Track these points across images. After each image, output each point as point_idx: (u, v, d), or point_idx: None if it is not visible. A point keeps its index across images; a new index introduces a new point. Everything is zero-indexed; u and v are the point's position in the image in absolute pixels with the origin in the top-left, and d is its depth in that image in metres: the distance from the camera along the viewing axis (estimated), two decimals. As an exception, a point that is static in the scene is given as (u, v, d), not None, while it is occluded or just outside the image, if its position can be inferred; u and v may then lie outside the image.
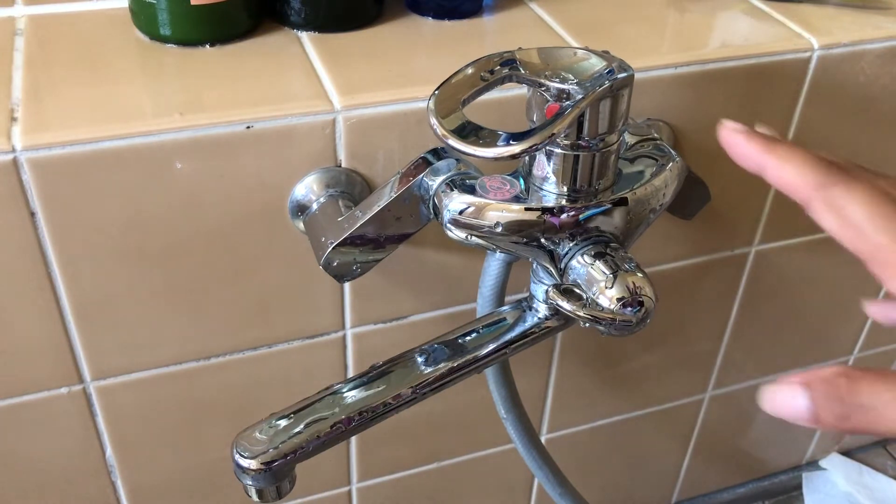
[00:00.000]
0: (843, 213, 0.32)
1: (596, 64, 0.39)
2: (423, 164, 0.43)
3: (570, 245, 0.41)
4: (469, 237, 0.41)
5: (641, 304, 0.38)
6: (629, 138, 0.46)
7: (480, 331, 0.46)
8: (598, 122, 0.39)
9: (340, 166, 0.47)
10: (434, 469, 0.67)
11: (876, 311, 0.40)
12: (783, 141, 0.35)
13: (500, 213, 0.40)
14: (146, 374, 0.51)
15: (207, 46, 0.48)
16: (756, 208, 0.61)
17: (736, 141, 0.36)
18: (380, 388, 0.43)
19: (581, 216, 0.40)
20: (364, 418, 0.42)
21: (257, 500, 0.42)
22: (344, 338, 0.55)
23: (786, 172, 0.34)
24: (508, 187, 0.41)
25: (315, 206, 0.46)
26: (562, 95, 0.37)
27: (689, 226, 0.59)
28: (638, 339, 0.66)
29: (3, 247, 0.43)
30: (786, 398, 0.31)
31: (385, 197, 0.43)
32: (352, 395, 0.43)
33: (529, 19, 0.54)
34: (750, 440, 0.83)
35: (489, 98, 0.43)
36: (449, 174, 0.42)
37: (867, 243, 0.31)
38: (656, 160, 0.44)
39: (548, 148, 0.40)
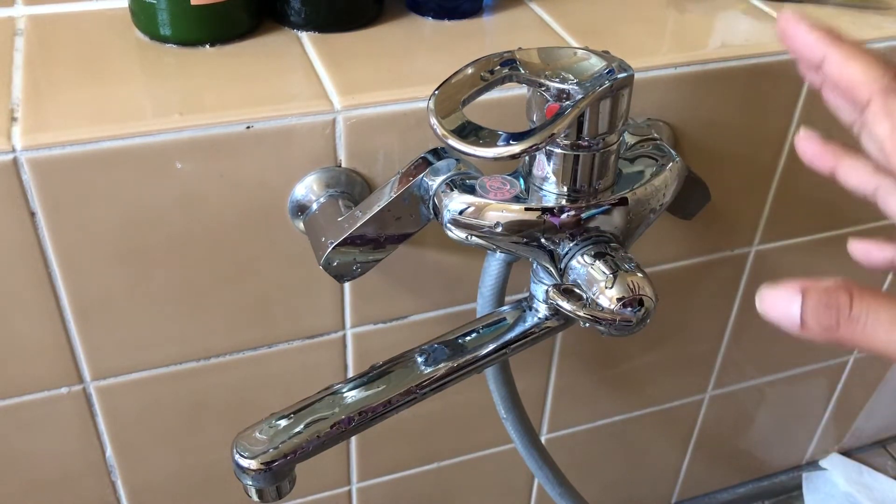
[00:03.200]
0: None
1: (596, 64, 0.39)
2: (423, 164, 0.43)
3: (570, 245, 0.41)
4: (469, 237, 0.41)
5: (641, 303, 0.38)
6: (629, 138, 0.46)
7: (480, 331, 0.46)
8: (598, 122, 0.39)
9: (340, 166, 0.47)
10: (434, 469, 0.67)
11: (859, 248, 0.39)
12: (847, 38, 0.34)
13: (500, 213, 0.40)
14: (146, 374, 0.51)
15: (207, 46, 0.48)
16: (756, 208, 0.61)
17: (797, 28, 0.34)
18: (380, 388, 0.43)
19: (581, 216, 0.40)
20: (364, 418, 0.42)
21: (257, 500, 0.42)
22: (344, 338, 0.55)
23: (850, 68, 0.32)
24: (508, 187, 0.41)
25: (315, 206, 0.46)
26: (562, 95, 0.37)
27: (689, 226, 0.59)
28: (638, 339, 0.66)
29: (3, 247, 0.43)
30: (779, 300, 0.31)
31: (385, 197, 0.43)
32: (352, 395, 0.43)
33: (529, 19, 0.54)
34: (750, 440, 0.83)
35: (489, 98, 0.43)
36: (449, 174, 0.42)
37: None
38: (656, 160, 0.44)
39: (548, 148, 0.40)
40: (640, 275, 0.39)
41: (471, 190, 0.41)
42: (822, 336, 0.30)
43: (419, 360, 0.44)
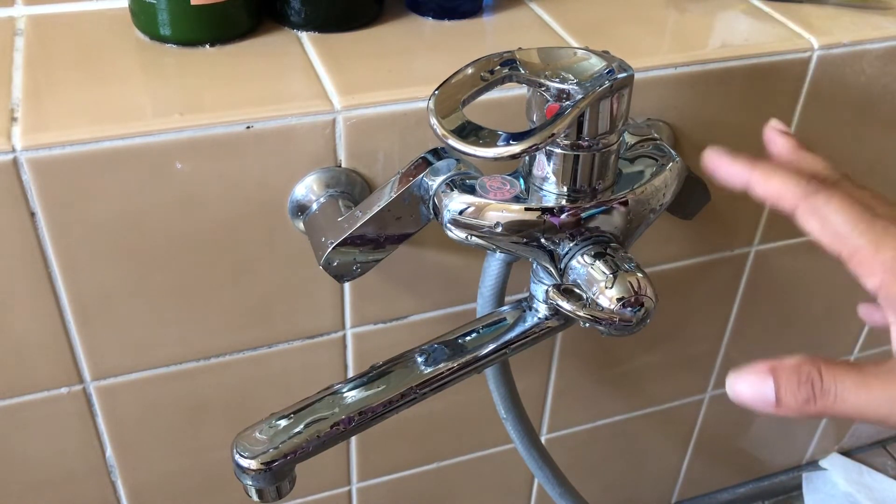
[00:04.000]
0: (824, 219, 0.35)
1: (596, 64, 0.39)
2: (423, 164, 0.43)
3: (570, 245, 0.41)
4: (469, 237, 0.41)
5: (642, 304, 0.38)
6: (629, 138, 0.46)
7: (480, 331, 0.46)
8: (598, 122, 0.39)
9: (340, 166, 0.47)
10: (434, 469, 0.67)
11: (864, 311, 0.43)
12: (763, 159, 0.38)
13: (500, 213, 0.40)
14: (146, 374, 0.51)
15: (207, 46, 0.48)
16: (756, 208, 0.61)
17: (721, 163, 0.39)
18: (380, 388, 0.43)
19: (581, 216, 0.40)
20: (364, 418, 0.42)
21: (257, 500, 0.42)
22: (344, 338, 0.55)
23: (771, 185, 0.36)
24: (508, 187, 0.41)
25: (315, 206, 0.46)
26: (562, 95, 0.37)
27: (689, 226, 0.59)
28: (638, 339, 0.66)
29: (3, 247, 0.43)
30: (751, 383, 0.33)
31: (385, 197, 0.43)
32: (352, 395, 0.43)
33: (529, 19, 0.54)
34: (750, 440, 0.83)
35: (489, 98, 0.43)
36: (449, 174, 0.42)
37: (846, 245, 0.34)
38: (656, 160, 0.44)
39: (548, 148, 0.40)
40: (640, 275, 0.39)
41: (471, 190, 0.41)
42: (799, 411, 0.32)
43: (419, 360, 0.45)
